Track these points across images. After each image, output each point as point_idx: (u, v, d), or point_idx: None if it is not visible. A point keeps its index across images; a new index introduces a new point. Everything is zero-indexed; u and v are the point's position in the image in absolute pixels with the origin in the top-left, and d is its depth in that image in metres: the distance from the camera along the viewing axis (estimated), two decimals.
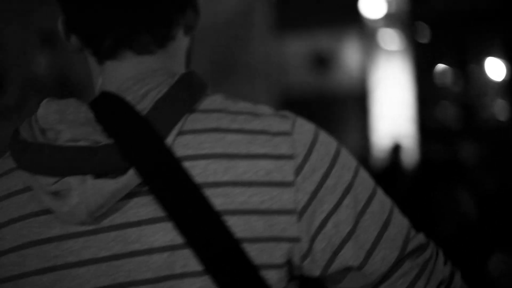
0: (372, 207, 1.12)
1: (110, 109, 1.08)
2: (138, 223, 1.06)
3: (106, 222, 1.06)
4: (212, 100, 1.13)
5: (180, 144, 1.07)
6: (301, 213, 1.09)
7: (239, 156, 1.08)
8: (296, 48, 10.79)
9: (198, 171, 1.06)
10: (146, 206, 1.06)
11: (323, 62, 10.75)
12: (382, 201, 1.14)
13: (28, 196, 1.09)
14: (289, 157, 1.09)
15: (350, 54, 10.88)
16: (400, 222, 1.14)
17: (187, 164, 1.06)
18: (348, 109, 10.82)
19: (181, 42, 1.17)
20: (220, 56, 9.19)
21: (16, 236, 1.08)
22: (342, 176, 1.12)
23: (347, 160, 1.14)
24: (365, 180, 1.14)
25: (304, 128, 1.13)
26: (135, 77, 1.12)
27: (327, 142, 1.13)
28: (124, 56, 1.14)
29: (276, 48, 10.19)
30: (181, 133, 1.08)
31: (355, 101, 10.73)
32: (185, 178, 1.05)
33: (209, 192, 1.06)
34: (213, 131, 1.09)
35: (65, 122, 1.06)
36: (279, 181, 1.08)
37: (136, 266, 1.05)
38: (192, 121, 1.09)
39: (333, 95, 10.74)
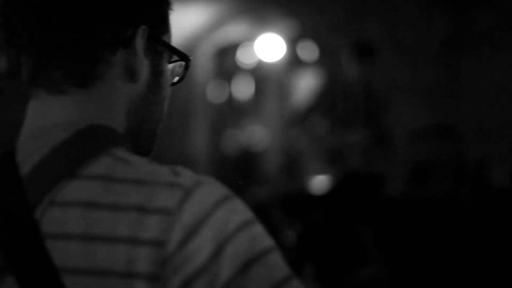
0: None
1: None
2: None
3: None
4: (100, 164, 0.97)
5: (47, 218, 0.95)
6: None
7: (100, 239, 0.92)
8: None
9: (58, 253, 0.93)
10: None
11: None
12: None
13: None
14: (158, 244, 0.91)
15: None
16: None
17: (49, 244, 0.93)
18: None
19: (117, 87, 1.04)
20: None
21: None
22: (220, 272, 0.90)
23: (241, 249, 0.92)
24: (263, 277, 0.91)
25: (198, 203, 0.93)
26: (34, 131, 1.02)
27: (220, 223, 0.92)
28: (38, 95, 1.03)
29: None
30: (52, 204, 0.95)
31: None
32: (45, 261, 0.92)
33: (67, 280, 0.92)
34: (82, 205, 0.94)
35: None
36: (143, 273, 0.91)
37: None
38: (67, 190, 0.95)
39: None
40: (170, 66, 1.11)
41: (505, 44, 8.00)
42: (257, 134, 11.09)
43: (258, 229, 0.94)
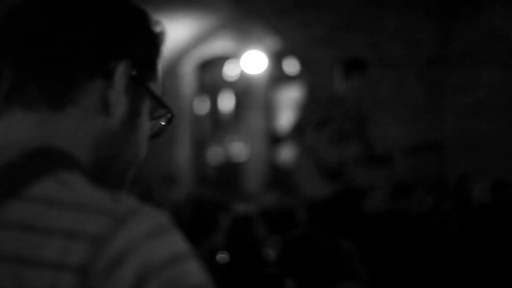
0: None
1: None
2: None
3: None
4: (42, 185, 0.94)
5: None
6: None
7: (29, 263, 0.89)
8: None
9: None
10: None
11: None
12: None
13: None
14: (82, 271, 0.88)
15: None
16: None
17: None
18: None
19: (90, 116, 1.03)
20: None
21: None
22: None
23: (166, 285, 0.87)
24: None
25: (128, 232, 0.89)
26: None
27: (147, 255, 0.88)
28: (10, 111, 1.03)
29: None
30: None
31: None
32: None
33: None
34: (18, 227, 0.91)
35: None
36: None
37: None
38: (9, 210, 0.93)
39: None
40: (154, 119, 1.12)
41: (488, 60, 8.05)
42: (241, 148, 11.08)
43: (190, 265, 0.90)
